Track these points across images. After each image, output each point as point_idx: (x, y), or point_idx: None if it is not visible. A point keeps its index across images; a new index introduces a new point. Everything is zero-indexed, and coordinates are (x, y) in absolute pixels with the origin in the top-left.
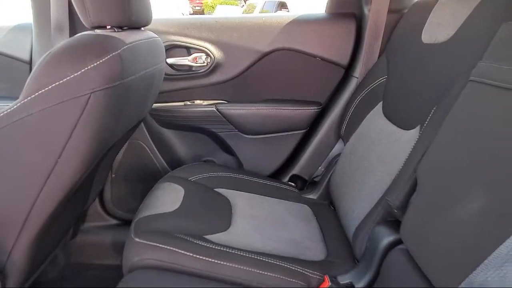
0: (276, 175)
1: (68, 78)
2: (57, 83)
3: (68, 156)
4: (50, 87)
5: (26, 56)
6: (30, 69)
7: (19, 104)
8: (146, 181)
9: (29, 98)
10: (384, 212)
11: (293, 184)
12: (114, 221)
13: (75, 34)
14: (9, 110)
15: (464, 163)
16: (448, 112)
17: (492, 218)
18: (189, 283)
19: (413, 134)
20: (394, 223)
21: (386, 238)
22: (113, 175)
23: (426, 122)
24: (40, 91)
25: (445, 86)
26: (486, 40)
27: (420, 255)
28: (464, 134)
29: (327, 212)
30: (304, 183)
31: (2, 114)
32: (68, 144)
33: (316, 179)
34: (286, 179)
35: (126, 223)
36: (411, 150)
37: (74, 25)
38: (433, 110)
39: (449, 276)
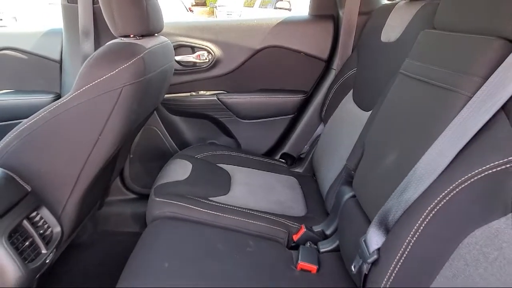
0: (269, 153)
1: (105, 76)
2: (98, 80)
3: (106, 133)
4: (93, 83)
5: (57, 57)
6: (61, 68)
7: (71, 96)
8: (159, 160)
9: (78, 91)
10: (346, 175)
11: (283, 160)
12: (132, 195)
13: (99, 38)
14: (64, 100)
15: (388, 132)
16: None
17: (398, 166)
18: (197, 229)
19: (369, 114)
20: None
21: (347, 194)
22: (131, 156)
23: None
24: (86, 86)
25: (391, 77)
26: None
27: (361, 198)
28: (389, 112)
29: (310, 182)
30: (292, 160)
31: (59, 104)
32: (106, 124)
33: (302, 156)
34: (277, 156)
35: (142, 197)
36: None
37: (98, 31)
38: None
39: (373, 209)
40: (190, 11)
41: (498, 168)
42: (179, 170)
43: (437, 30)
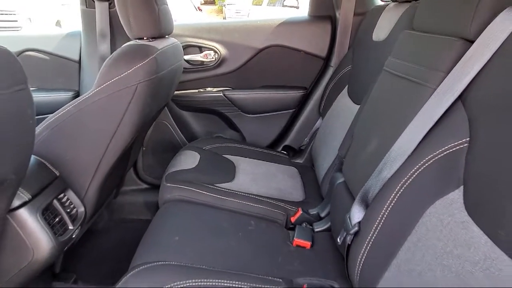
0: (272, 145)
1: (123, 74)
2: (117, 77)
3: (123, 125)
4: (112, 80)
5: (76, 57)
6: (79, 68)
7: (93, 92)
8: (169, 152)
9: (99, 88)
10: (338, 163)
11: (285, 152)
12: (144, 185)
13: (114, 40)
14: (86, 96)
15: (371, 122)
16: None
17: (378, 151)
18: (204, 210)
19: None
20: None
21: (339, 179)
22: (144, 148)
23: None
24: (106, 83)
25: (379, 73)
26: None
27: (348, 181)
28: (373, 105)
29: (309, 171)
30: (294, 151)
31: (82, 99)
32: (124, 116)
33: (302, 148)
34: (279, 148)
35: (154, 187)
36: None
37: (113, 33)
38: None
39: (357, 189)
40: (199, 10)
41: (454, 149)
42: (188, 160)
43: (415, 31)
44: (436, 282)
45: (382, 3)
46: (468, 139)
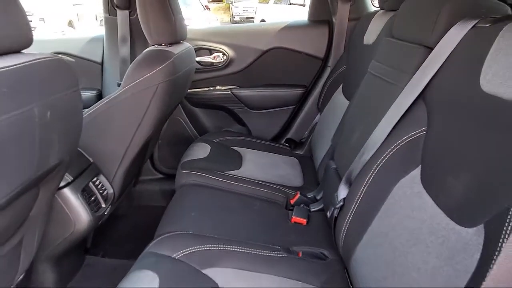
0: (275, 138)
1: (145, 76)
2: (140, 79)
3: (146, 119)
4: (136, 81)
5: (98, 59)
6: (102, 69)
7: (120, 91)
8: (182, 145)
9: (125, 88)
10: (331, 152)
11: (287, 144)
12: (160, 175)
13: (133, 44)
14: (115, 94)
15: (357, 115)
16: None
17: (361, 139)
18: (215, 193)
19: None
20: None
21: (332, 166)
22: (160, 142)
23: None
24: (131, 84)
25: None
26: None
27: (338, 166)
28: (359, 101)
29: (308, 161)
30: (295, 144)
31: (111, 97)
32: (146, 112)
33: (303, 140)
34: (282, 141)
35: (168, 176)
36: None
37: (133, 38)
38: None
39: (344, 170)
40: (207, 8)
41: (416, 135)
42: (200, 150)
43: (393, 38)
44: (399, 238)
45: (375, 9)
46: (426, 128)
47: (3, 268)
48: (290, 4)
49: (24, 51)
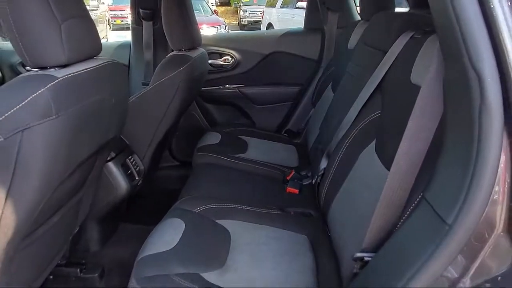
0: (276, 130)
1: (169, 76)
2: (165, 78)
3: (169, 111)
4: (161, 80)
5: (126, 62)
6: (129, 71)
7: (149, 88)
8: (196, 136)
9: (153, 85)
10: (319, 136)
11: (286, 134)
12: (176, 163)
13: (156, 50)
14: (145, 90)
15: (337, 104)
16: None
17: (339, 122)
18: (225, 170)
19: None
20: None
21: (319, 147)
22: (177, 133)
23: None
24: (157, 82)
25: None
26: None
27: (322, 143)
28: (339, 94)
29: (304, 149)
30: (294, 134)
31: (143, 92)
32: (170, 105)
33: (300, 131)
34: (282, 132)
35: (184, 164)
36: None
37: (156, 45)
38: None
39: (325, 146)
40: (216, 13)
41: (374, 117)
42: (212, 138)
43: (365, 44)
44: (359, 192)
45: (359, 19)
46: (380, 110)
47: (70, 219)
48: (296, 8)
49: None
